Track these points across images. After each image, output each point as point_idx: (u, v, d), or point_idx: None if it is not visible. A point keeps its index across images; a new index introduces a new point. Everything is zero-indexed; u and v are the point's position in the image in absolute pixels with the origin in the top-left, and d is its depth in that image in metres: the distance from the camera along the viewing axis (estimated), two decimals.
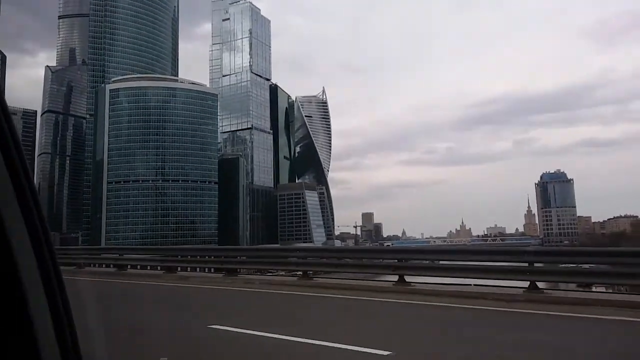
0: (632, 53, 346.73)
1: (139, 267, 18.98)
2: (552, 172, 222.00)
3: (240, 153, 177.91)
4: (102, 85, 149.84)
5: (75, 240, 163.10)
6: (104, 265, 20.19)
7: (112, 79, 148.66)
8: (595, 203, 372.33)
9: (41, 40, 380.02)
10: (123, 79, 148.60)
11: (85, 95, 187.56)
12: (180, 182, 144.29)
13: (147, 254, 20.98)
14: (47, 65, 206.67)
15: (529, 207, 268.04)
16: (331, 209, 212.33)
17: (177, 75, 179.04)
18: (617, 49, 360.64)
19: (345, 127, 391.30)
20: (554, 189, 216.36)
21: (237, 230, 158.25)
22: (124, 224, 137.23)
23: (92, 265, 20.26)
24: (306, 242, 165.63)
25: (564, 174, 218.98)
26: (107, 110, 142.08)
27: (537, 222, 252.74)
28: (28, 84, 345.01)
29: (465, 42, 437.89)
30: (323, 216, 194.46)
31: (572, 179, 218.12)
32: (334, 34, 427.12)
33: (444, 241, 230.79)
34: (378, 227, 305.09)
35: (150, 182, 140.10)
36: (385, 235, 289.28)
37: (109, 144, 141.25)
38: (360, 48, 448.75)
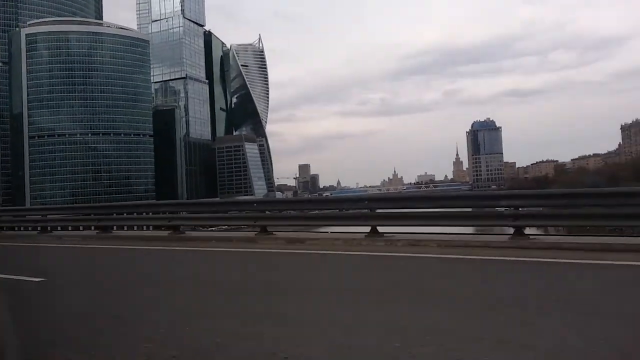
0: (553, 3, 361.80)
1: (69, 228, 17.13)
2: (482, 120, 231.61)
3: (176, 104, 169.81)
4: (17, 29, 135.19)
5: None
6: (22, 229, 18.19)
7: (28, 23, 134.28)
8: (519, 150, 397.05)
9: None
10: (41, 22, 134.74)
11: None
12: (111, 135, 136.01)
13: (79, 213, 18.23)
14: None
15: (457, 154, 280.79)
16: (270, 161, 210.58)
17: (101, 20, 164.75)
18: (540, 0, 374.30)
19: (279, 78, 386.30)
20: (483, 137, 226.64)
21: (175, 184, 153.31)
22: (50, 181, 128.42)
23: (14, 228, 18.23)
24: (247, 195, 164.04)
25: (493, 122, 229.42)
26: (24, 58, 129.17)
27: (465, 169, 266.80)
28: None
29: None
30: (263, 168, 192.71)
31: (500, 127, 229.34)
32: None
33: (379, 190, 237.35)
34: (314, 178, 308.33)
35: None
36: (321, 186, 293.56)
37: (28, 95, 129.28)
38: None
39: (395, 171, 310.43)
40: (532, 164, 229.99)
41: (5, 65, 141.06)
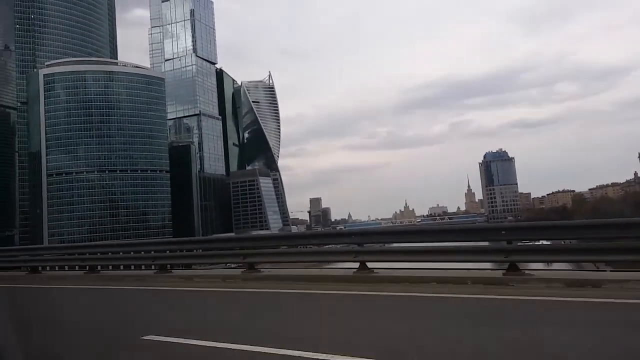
0: (556, 36, 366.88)
1: (57, 268, 16.82)
2: (494, 151, 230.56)
3: (191, 140, 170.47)
4: (35, 70, 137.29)
5: (11, 239, 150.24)
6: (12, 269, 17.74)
7: (46, 63, 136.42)
8: (532, 180, 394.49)
9: None
10: (58, 62, 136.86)
11: (11, 83, 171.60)
12: (128, 172, 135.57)
13: (64, 253, 18.07)
14: None
15: (468, 186, 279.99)
16: (284, 195, 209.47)
17: (116, 60, 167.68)
18: (541, 33, 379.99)
19: (287, 114, 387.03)
20: (497, 168, 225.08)
21: (192, 220, 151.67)
22: (68, 219, 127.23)
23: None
24: (263, 229, 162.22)
25: (505, 153, 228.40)
26: (42, 98, 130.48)
27: (478, 200, 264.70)
28: None
29: (404, 25, 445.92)
30: (278, 202, 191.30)
31: (514, 157, 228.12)
32: (272, 19, 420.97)
33: (391, 222, 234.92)
34: (326, 212, 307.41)
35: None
36: (333, 219, 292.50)
37: (46, 134, 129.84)
38: (299, 34, 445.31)
39: (406, 203, 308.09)
40: (548, 195, 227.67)
41: (24, 105, 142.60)
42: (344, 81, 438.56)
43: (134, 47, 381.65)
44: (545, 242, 9.70)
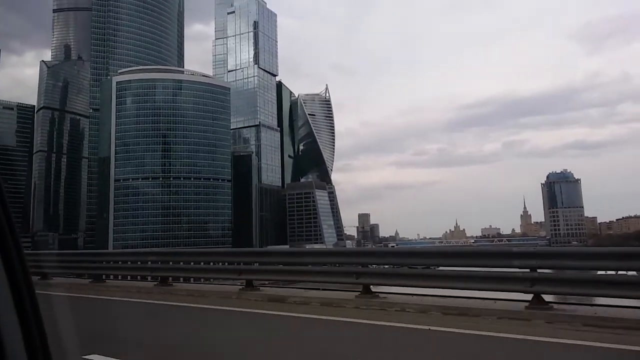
0: (619, 55, 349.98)
1: (120, 277, 16.16)
2: (559, 172, 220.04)
3: (252, 150, 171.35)
4: (108, 77, 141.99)
5: (75, 242, 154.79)
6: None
7: (119, 71, 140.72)
8: (595, 204, 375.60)
9: (32, 37, 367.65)
10: (130, 70, 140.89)
11: (83, 92, 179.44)
12: (192, 179, 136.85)
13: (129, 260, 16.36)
14: (43, 60, 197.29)
15: (524, 207, 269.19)
16: (338, 209, 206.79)
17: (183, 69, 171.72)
18: (604, 52, 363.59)
19: (336, 128, 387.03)
20: (560, 189, 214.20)
21: (250, 231, 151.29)
22: (132, 224, 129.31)
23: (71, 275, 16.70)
24: (317, 243, 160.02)
25: (570, 174, 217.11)
26: (113, 104, 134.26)
27: (534, 222, 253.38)
28: (23, 81, 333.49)
29: (455, 43, 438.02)
30: (333, 216, 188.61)
31: (580, 179, 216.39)
32: (325, 35, 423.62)
33: (441, 242, 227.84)
34: (374, 228, 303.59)
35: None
36: (381, 235, 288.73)
37: (116, 140, 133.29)
38: (351, 49, 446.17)
39: (457, 223, 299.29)
40: (617, 220, 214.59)
41: (96, 112, 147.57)
42: (394, 98, 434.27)
43: (192, 61, 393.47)
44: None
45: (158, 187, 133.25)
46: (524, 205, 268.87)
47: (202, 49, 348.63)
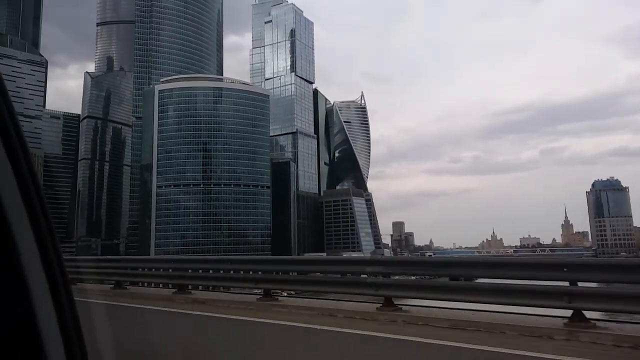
0: None
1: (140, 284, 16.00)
2: (605, 179, 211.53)
3: (291, 157, 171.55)
4: (151, 86, 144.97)
5: (117, 248, 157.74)
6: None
7: (161, 80, 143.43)
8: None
9: (77, 50, 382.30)
10: (171, 79, 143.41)
11: (126, 101, 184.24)
12: (232, 186, 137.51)
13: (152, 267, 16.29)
14: (87, 72, 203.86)
15: (566, 216, 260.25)
16: (376, 216, 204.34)
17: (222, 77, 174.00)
18: None
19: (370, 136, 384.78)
20: (607, 198, 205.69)
21: (288, 238, 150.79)
22: (173, 230, 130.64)
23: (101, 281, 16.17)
24: (355, 251, 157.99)
25: (617, 182, 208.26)
26: (156, 112, 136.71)
27: (577, 232, 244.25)
28: (68, 92, 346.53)
29: (490, 50, 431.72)
30: (370, 224, 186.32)
31: (627, 187, 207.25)
32: (357, 43, 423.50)
33: (478, 252, 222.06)
34: (409, 237, 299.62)
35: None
36: (416, 244, 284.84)
37: (158, 147, 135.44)
38: (384, 57, 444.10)
39: (494, 232, 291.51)
40: None
41: (139, 120, 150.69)
42: (428, 105, 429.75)
43: (228, 72, 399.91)
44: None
45: (199, 193, 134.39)
46: (565, 214, 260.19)
47: (237, 60, 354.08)
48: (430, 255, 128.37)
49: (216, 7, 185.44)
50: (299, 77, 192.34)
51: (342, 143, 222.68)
